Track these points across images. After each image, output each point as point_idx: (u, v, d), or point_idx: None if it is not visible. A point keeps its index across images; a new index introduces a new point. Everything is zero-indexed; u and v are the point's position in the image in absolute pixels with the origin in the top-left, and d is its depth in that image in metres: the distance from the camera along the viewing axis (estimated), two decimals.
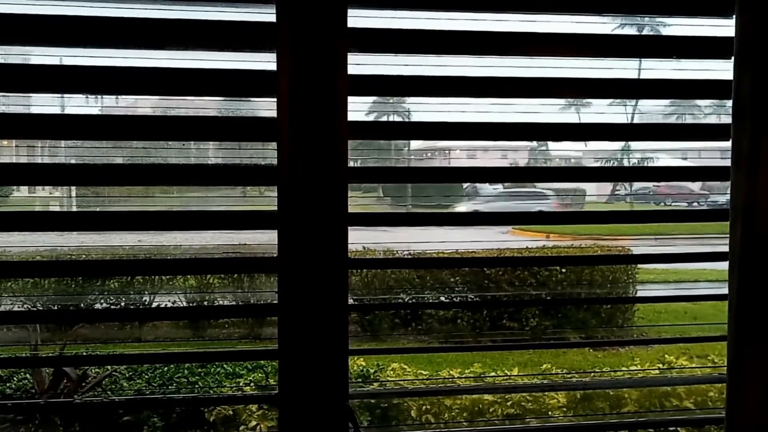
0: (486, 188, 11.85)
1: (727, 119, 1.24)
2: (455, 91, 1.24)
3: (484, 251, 6.24)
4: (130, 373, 4.72)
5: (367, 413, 4.28)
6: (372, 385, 4.59)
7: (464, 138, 1.29)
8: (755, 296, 1.16)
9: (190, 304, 6.33)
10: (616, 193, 11.13)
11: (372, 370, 4.75)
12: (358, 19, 1.14)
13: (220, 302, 6.68)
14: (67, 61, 1.13)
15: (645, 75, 1.36)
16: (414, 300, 6.74)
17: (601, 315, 6.93)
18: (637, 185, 10.93)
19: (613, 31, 1.28)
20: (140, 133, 1.20)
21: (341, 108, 1.14)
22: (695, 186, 10.21)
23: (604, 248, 7.21)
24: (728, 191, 1.21)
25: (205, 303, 6.57)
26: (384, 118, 11.65)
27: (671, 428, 1.70)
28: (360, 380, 4.59)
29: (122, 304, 6.46)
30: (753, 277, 1.16)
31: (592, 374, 5.52)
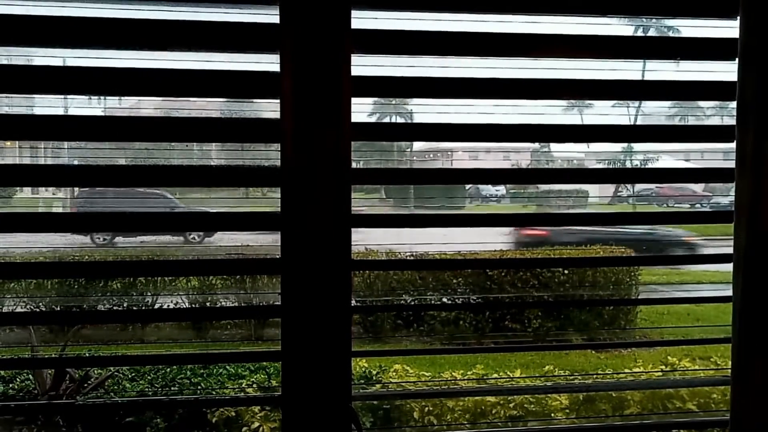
0: (488, 189, 11.84)
1: (730, 121, 1.23)
2: (459, 93, 1.24)
3: (486, 252, 6.23)
4: (133, 374, 4.72)
5: (370, 415, 4.28)
6: (374, 386, 4.59)
7: (467, 139, 1.29)
8: (760, 298, 1.16)
9: (193, 306, 6.33)
10: (619, 194, 11.11)
11: (374, 372, 4.75)
12: (361, 20, 1.14)
13: (223, 303, 6.68)
14: (71, 62, 1.13)
15: (648, 76, 1.36)
16: (416, 301, 6.73)
17: (604, 316, 6.91)
18: (639, 187, 10.91)
19: (616, 32, 1.28)
20: (143, 135, 1.20)
21: (345, 109, 1.13)
22: (698, 187, 10.18)
23: (607, 250, 7.19)
24: (731, 193, 1.21)
25: (208, 304, 6.57)
26: (386, 119, 11.64)
27: (674, 430, 1.70)
28: (362, 381, 4.59)
29: (125, 305, 6.46)
30: (758, 279, 1.15)
31: (595, 376, 5.51)
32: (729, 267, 1.24)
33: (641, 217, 1.57)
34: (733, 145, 1.21)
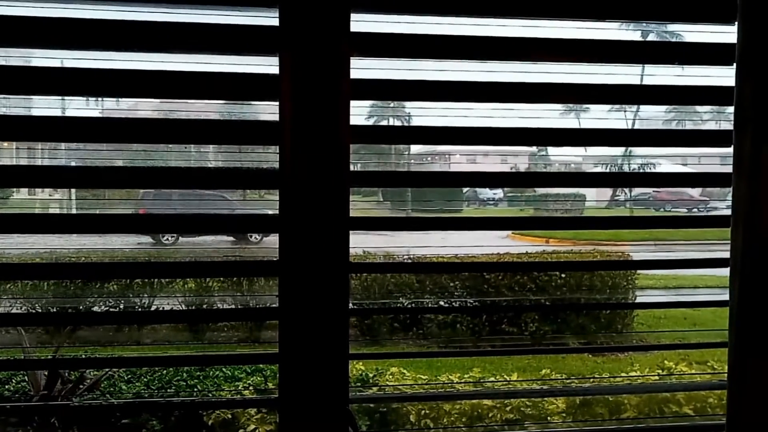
0: (486, 192, 11.87)
1: (727, 125, 1.24)
2: (457, 96, 1.24)
3: (483, 256, 6.24)
4: (129, 376, 4.71)
5: (366, 418, 4.28)
6: (371, 389, 4.59)
7: (465, 143, 1.29)
8: (757, 303, 1.16)
9: (190, 308, 6.33)
10: (616, 198, 11.14)
11: (371, 374, 4.75)
12: (360, 23, 1.14)
13: (220, 306, 6.67)
14: (69, 64, 1.13)
15: (647, 81, 1.36)
16: (413, 304, 6.73)
17: (601, 320, 6.92)
18: (636, 191, 10.94)
19: (615, 37, 1.28)
20: (142, 136, 1.19)
21: (343, 112, 1.13)
22: (695, 192, 10.22)
23: (604, 254, 7.19)
24: (728, 197, 1.21)
25: (205, 306, 6.56)
26: (384, 122, 11.66)
27: None
28: (359, 384, 4.59)
29: (121, 306, 6.45)
30: (755, 284, 1.16)
31: (592, 380, 5.51)
32: (726, 271, 1.24)
33: (638, 221, 1.58)
34: (730, 149, 1.21)
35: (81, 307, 6.21)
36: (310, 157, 1.12)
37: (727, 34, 1.22)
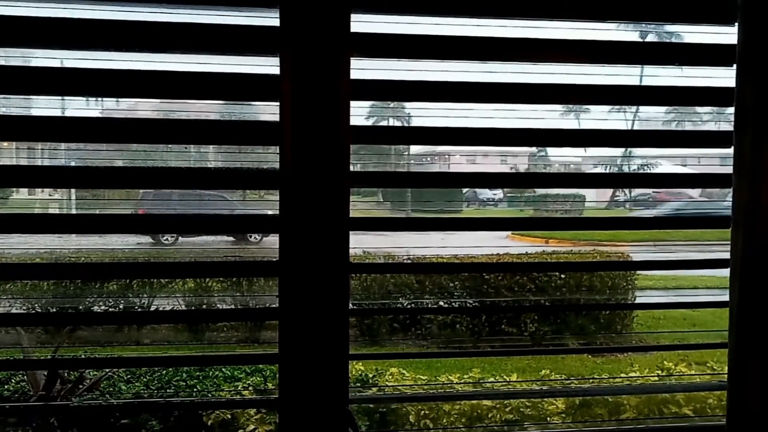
0: (486, 193, 11.87)
1: (726, 126, 1.24)
2: (457, 97, 1.24)
3: (483, 256, 6.24)
4: (129, 376, 4.71)
5: (366, 418, 4.28)
6: (371, 389, 4.59)
7: (465, 143, 1.29)
8: (757, 303, 1.16)
9: (190, 308, 6.32)
10: (616, 199, 11.14)
11: (371, 375, 4.74)
12: (361, 24, 1.14)
13: (219, 306, 6.67)
14: (69, 64, 1.13)
15: (647, 82, 1.36)
16: (413, 305, 6.73)
17: (600, 321, 6.92)
18: (636, 191, 10.94)
19: (615, 38, 1.28)
20: (142, 136, 1.19)
21: (343, 112, 1.14)
22: (695, 193, 10.21)
23: (604, 254, 7.19)
24: (728, 198, 1.21)
25: (204, 306, 6.56)
26: (384, 123, 11.67)
27: None
28: (359, 384, 4.58)
29: (121, 306, 6.45)
30: (755, 285, 1.16)
31: (591, 380, 5.51)
32: (726, 272, 1.24)
33: (638, 221, 1.58)
34: (730, 150, 1.21)
35: (81, 307, 6.21)
36: (310, 157, 1.12)
37: (727, 35, 1.23)
